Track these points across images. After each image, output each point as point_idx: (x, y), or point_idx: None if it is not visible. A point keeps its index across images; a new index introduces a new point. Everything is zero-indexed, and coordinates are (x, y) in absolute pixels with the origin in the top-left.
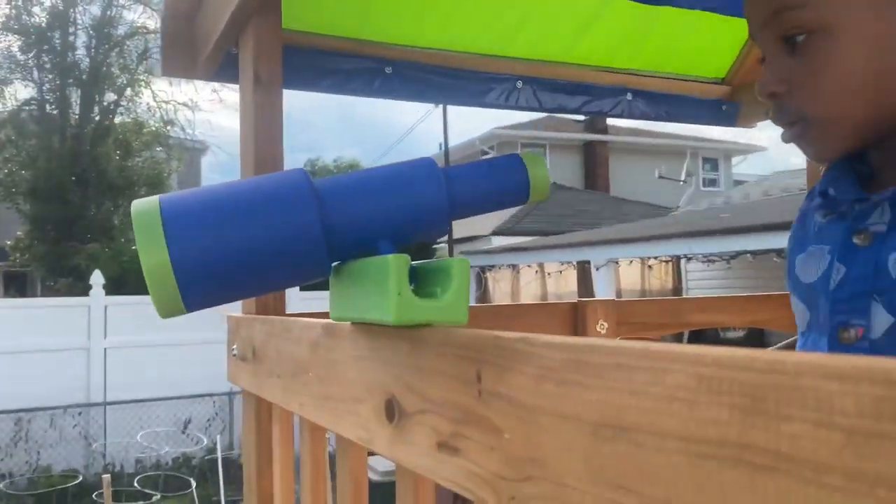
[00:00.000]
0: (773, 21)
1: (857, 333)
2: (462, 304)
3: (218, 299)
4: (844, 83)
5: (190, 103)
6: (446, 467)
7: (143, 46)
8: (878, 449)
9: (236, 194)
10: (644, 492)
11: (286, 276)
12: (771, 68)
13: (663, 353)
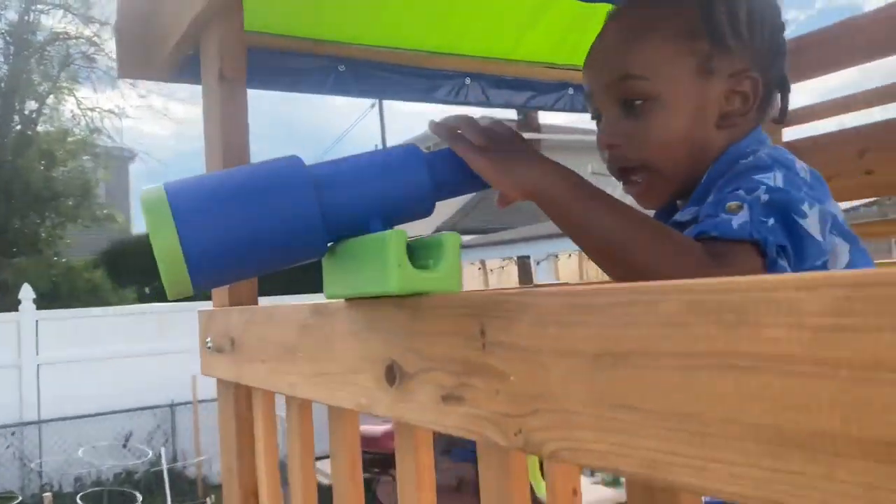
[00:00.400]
0: (617, 86)
1: None
2: (456, 274)
3: (222, 279)
4: (671, 140)
5: (117, 110)
6: (451, 417)
7: (65, 52)
8: (839, 340)
9: (237, 180)
10: (643, 406)
11: (285, 256)
12: (609, 125)
13: (655, 287)
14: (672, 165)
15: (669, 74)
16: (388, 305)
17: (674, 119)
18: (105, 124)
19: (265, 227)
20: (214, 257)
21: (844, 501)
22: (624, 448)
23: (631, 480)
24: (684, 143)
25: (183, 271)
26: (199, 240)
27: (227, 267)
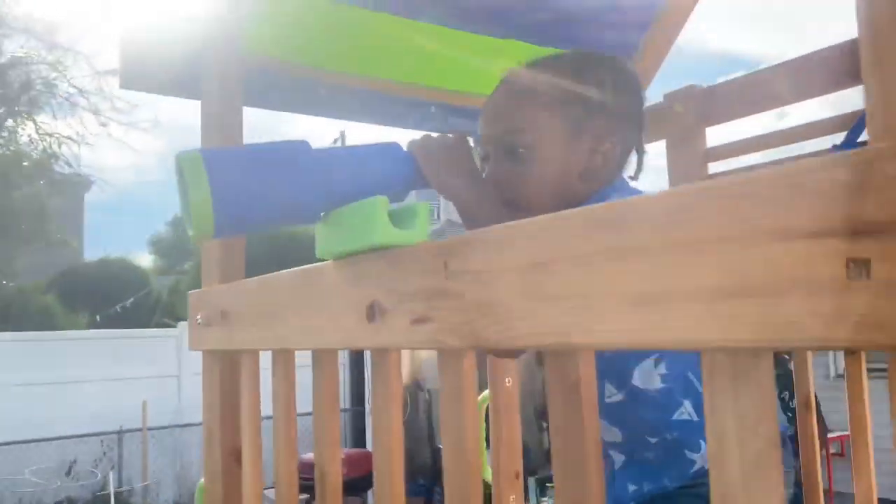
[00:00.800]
0: (503, 137)
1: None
2: (425, 234)
3: (238, 229)
4: (541, 184)
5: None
6: (419, 335)
7: (26, 77)
8: (676, 232)
9: (259, 154)
10: (557, 295)
11: (290, 217)
12: (495, 165)
13: (564, 214)
14: (539, 205)
15: (545, 132)
16: (369, 258)
17: (545, 168)
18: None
19: (277, 193)
20: (235, 212)
21: (680, 330)
22: (545, 327)
23: (551, 351)
24: (551, 188)
25: (210, 220)
26: (226, 195)
27: (244, 220)
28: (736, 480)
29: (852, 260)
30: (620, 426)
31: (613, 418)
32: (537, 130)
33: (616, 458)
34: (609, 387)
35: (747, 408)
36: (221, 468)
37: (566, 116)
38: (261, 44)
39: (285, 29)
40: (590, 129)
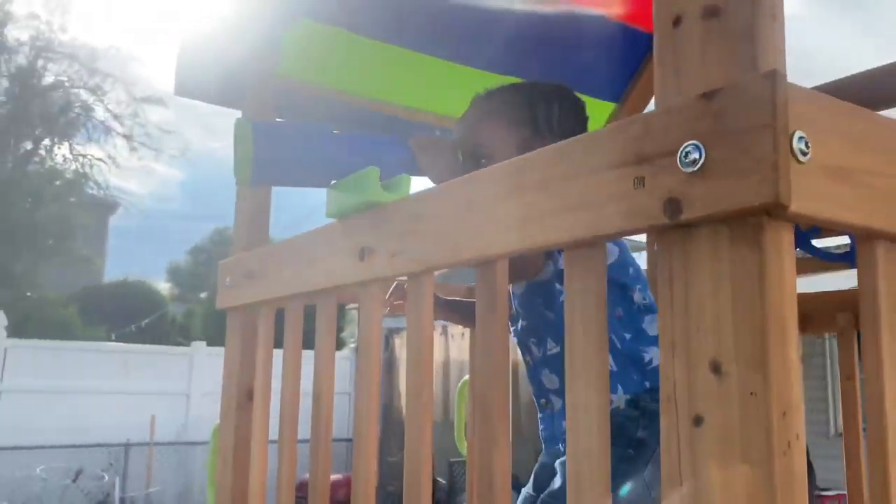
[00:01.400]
0: (470, 148)
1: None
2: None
3: (269, 182)
4: None
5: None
6: (395, 264)
7: (65, 100)
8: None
9: (294, 130)
10: (482, 224)
11: (306, 181)
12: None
13: (483, 174)
14: None
15: (500, 146)
16: (362, 216)
17: None
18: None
19: (301, 160)
20: (267, 168)
21: (549, 236)
22: (475, 247)
23: (478, 264)
24: None
25: (249, 170)
26: (263, 154)
27: (273, 176)
28: (576, 326)
29: (635, 177)
30: (558, 374)
31: (552, 367)
32: (494, 144)
33: (555, 402)
34: (550, 342)
35: (590, 281)
36: (236, 403)
37: (517, 135)
38: (292, 68)
39: (312, 56)
40: (538, 146)
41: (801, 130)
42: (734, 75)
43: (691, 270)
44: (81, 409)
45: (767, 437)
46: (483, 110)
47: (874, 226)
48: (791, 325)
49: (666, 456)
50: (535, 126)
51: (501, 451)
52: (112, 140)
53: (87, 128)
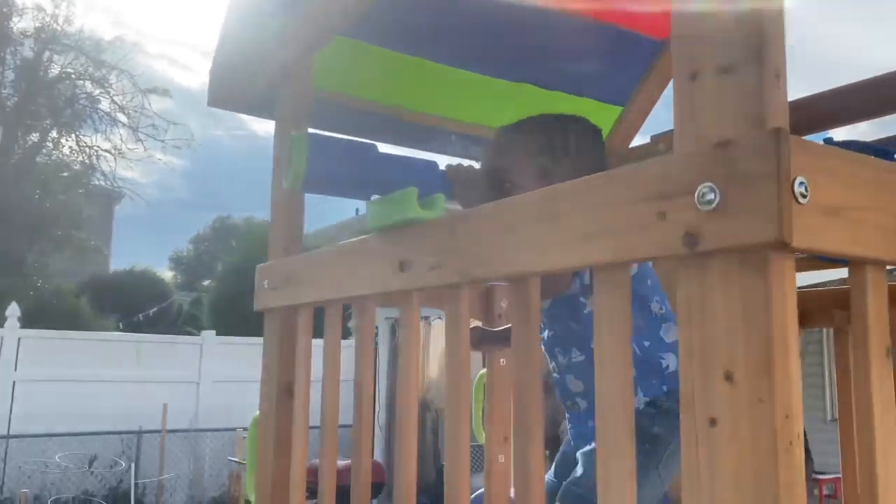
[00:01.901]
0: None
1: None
2: (440, 214)
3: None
4: None
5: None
6: (433, 276)
7: (72, 92)
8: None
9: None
10: (520, 244)
11: (352, 194)
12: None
13: (522, 198)
14: None
15: (521, 175)
16: (401, 230)
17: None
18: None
19: (347, 174)
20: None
21: (583, 257)
22: (511, 265)
23: (512, 280)
24: None
25: (302, 177)
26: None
27: (322, 185)
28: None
29: (658, 212)
30: (583, 379)
31: (577, 373)
32: (516, 173)
33: (581, 403)
34: (575, 350)
35: (616, 299)
36: (276, 397)
37: (537, 164)
38: (326, 79)
39: (344, 68)
40: (555, 174)
41: (802, 176)
42: (744, 128)
43: (706, 294)
44: (94, 397)
45: (773, 437)
46: (506, 141)
47: (863, 254)
48: (792, 342)
49: (686, 451)
50: (553, 155)
51: (536, 445)
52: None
53: (94, 119)
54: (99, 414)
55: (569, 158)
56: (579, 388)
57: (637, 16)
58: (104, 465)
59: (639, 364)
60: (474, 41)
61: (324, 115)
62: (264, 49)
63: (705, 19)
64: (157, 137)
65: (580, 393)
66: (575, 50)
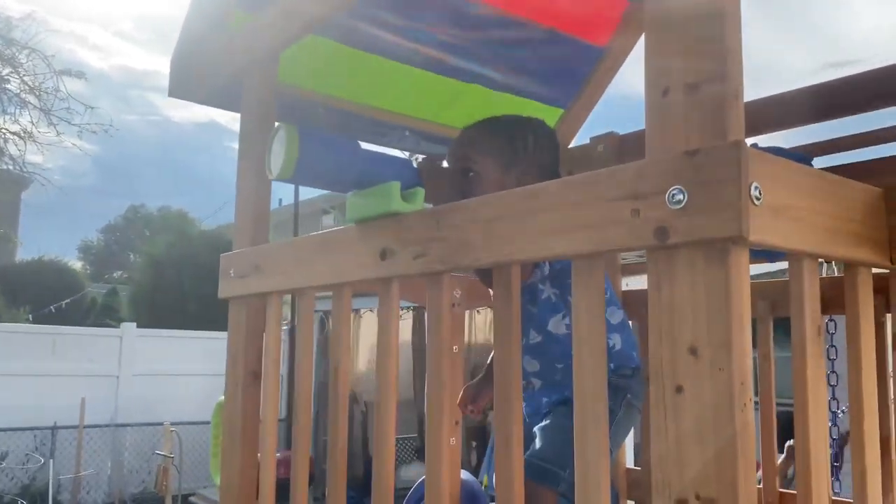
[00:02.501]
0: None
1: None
2: (421, 205)
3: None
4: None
5: (22, 134)
6: (416, 265)
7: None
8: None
9: (329, 140)
10: (504, 235)
11: (333, 185)
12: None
13: (506, 193)
14: None
15: (485, 167)
16: (383, 221)
17: (483, 188)
18: (7, 147)
19: (333, 167)
20: (306, 169)
21: (562, 248)
22: (495, 253)
23: (497, 267)
24: None
25: (292, 168)
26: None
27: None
28: (582, 332)
29: (633, 209)
30: (539, 359)
31: (534, 354)
32: (480, 165)
33: (535, 382)
34: (532, 332)
35: (591, 286)
36: (242, 383)
37: (499, 158)
38: (286, 72)
39: (304, 62)
40: (515, 168)
41: (757, 182)
42: (709, 139)
43: (675, 280)
44: (7, 392)
45: (731, 399)
46: (475, 136)
47: (801, 248)
48: (747, 321)
49: (654, 414)
50: (514, 152)
51: (517, 416)
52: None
53: (2, 100)
54: (11, 409)
55: (527, 156)
56: (535, 367)
57: (580, 23)
58: (17, 462)
59: None
60: (429, 41)
61: (282, 107)
62: (230, 42)
63: (675, 42)
64: (72, 122)
65: (535, 372)
66: (522, 54)
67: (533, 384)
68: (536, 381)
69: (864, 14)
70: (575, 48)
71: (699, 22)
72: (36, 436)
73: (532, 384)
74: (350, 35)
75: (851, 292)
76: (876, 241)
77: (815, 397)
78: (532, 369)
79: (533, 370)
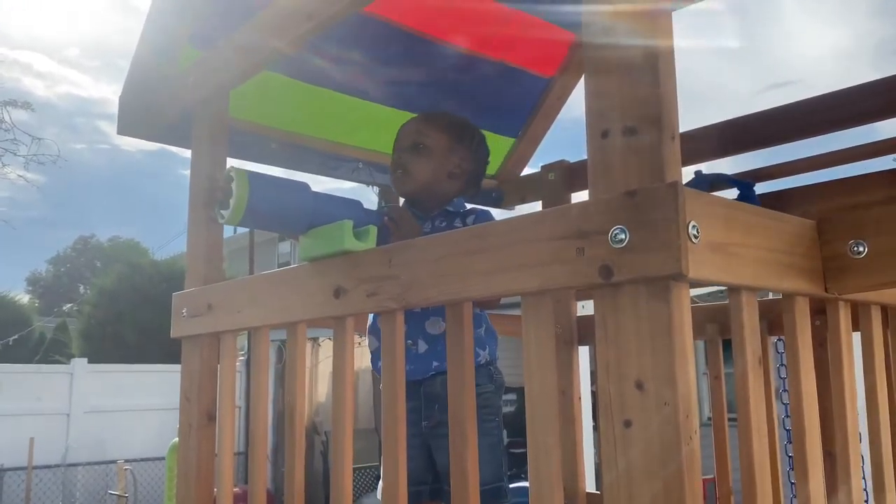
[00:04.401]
0: (414, 140)
1: None
2: (373, 243)
3: (254, 225)
4: (429, 171)
5: None
6: (370, 303)
7: None
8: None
9: (279, 184)
10: (452, 273)
11: (287, 229)
12: (403, 155)
13: (454, 234)
14: (422, 181)
15: (437, 142)
16: (335, 260)
17: (431, 162)
18: None
19: (283, 210)
20: (255, 213)
21: (508, 286)
22: (444, 292)
23: (448, 304)
24: (433, 176)
25: (241, 213)
26: (254, 201)
27: (259, 220)
28: (532, 365)
29: (577, 247)
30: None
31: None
32: (433, 140)
33: (420, 346)
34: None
35: (540, 322)
36: (197, 424)
37: (451, 138)
38: (236, 108)
39: (260, 98)
40: (457, 153)
41: (694, 220)
42: (647, 180)
43: (619, 316)
44: None
45: (677, 432)
46: (425, 119)
47: (740, 282)
48: (690, 354)
49: (604, 448)
50: (459, 139)
51: (471, 440)
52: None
53: None
54: None
55: (471, 147)
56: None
57: (528, 55)
58: None
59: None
60: (379, 74)
61: (234, 142)
62: (180, 79)
63: (613, 86)
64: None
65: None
66: (472, 85)
67: (417, 346)
68: (422, 346)
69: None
70: (524, 80)
71: (635, 67)
72: None
73: (417, 346)
74: (302, 70)
75: (789, 321)
76: (811, 271)
77: (756, 419)
78: (433, 332)
79: (434, 332)
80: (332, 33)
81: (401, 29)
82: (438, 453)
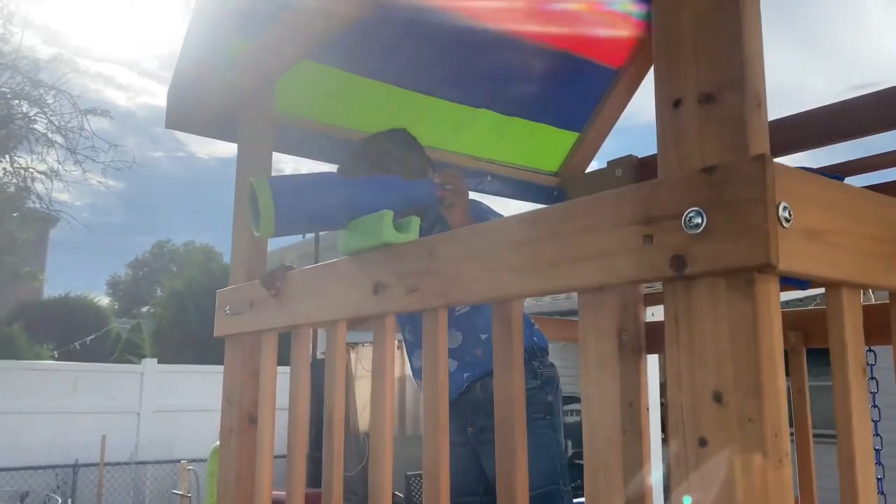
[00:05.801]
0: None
1: None
2: (415, 235)
3: (289, 232)
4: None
5: (49, 173)
6: (410, 300)
7: (6, 112)
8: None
9: (306, 181)
10: (501, 268)
11: (324, 227)
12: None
13: (503, 222)
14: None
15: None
16: (374, 254)
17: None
18: (35, 186)
19: (316, 208)
20: (288, 219)
21: (568, 283)
22: (492, 289)
23: (496, 302)
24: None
25: (272, 224)
26: (283, 208)
27: (293, 226)
28: (591, 369)
29: (645, 235)
30: (463, 330)
31: (459, 325)
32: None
33: (450, 364)
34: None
35: (600, 321)
36: (237, 426)
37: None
38: (285, 101)
39: (305, 91)
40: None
41: (786, 201)
42: (728, 155)
43: (694, 315)
44: (28, 429)
45: (763, 456)
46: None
47: (840, 277)
48: (779, 361)
49: (676, 471)
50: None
51: (519, 465)
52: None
53: (29, 140)
54: (32, 447)
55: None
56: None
57: (593, 45)
58: (37, 502)
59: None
60: (437, 67)
61: (283, 138)
62: (225, 72)
63: (687, 46)
64: (97, 160)
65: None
66: (533, 77)
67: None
68: (452, 364)
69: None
70: (588, 70)
71: (715, 23)
72: (57, 474)
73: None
74: (352, 61)
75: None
76: None
77: (861, 441)
78: (453, 345)
79: (454, 346)
80: (387, 26)
81: (458, 19)
82: (486, 460)
